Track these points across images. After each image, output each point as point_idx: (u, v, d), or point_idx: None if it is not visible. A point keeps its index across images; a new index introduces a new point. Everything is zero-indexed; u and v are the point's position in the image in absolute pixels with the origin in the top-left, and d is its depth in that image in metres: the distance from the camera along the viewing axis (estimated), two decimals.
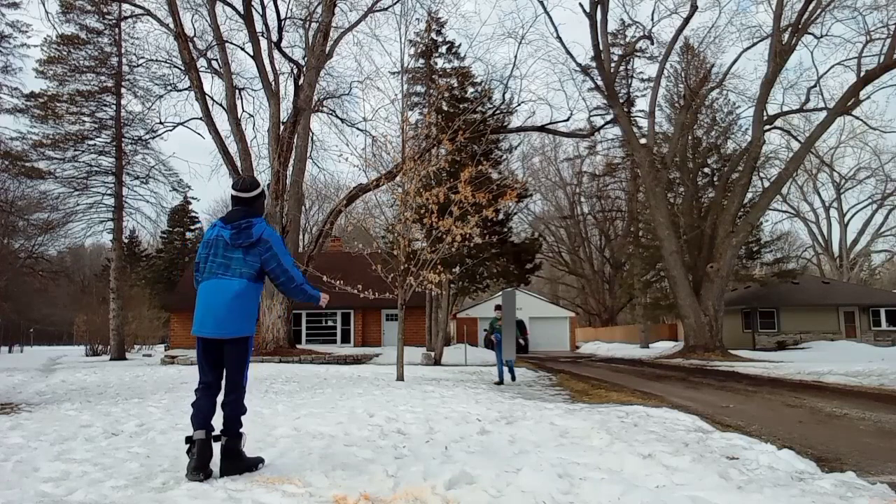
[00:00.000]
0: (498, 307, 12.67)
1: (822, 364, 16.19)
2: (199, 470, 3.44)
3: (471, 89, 27.13)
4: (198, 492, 3.19)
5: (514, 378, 12.50)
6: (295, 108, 21.43)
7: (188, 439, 3.60)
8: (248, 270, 3.72)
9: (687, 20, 25.27)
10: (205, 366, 3.73)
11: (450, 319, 28.72)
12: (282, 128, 21.24)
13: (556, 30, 37.33)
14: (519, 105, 25.02)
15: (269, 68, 21.66)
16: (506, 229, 28.77)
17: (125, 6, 24.14)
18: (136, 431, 5.18)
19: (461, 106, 23.81)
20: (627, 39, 34.79)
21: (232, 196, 3.92)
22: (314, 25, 22.18)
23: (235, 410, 3.70)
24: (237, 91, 22.39)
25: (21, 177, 26.36)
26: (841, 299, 31.80)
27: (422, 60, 29.14)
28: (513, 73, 46.61)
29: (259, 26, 21.52)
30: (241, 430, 3.71)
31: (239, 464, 3.63)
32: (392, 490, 3.25)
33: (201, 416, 3.61)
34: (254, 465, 3.72)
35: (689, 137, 30.04)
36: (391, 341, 25.11)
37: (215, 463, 3.62)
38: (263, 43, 21.62)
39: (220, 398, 3.73)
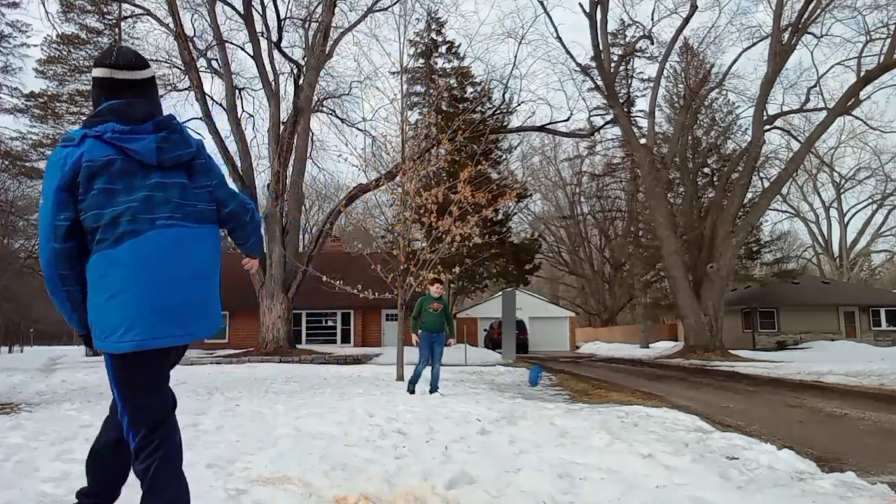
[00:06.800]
0: (436, 280, 9.41)
1: (823, 364, 16.19)
2: None
3: (470, 89, 27.17)
4: (198, 491, 3.18)
5: (435, 388, 8.66)
6: (295, 108, 21.42)
7: None
8: (209, 208, 2.25)
9: (687, 20, 25.29)
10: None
11: None
12: (282, 128, 21.25)
13: (556, 30, 37.22)
14: (519, 105, 25.03)
15: (269, 68, 21.67)
16: (505, 229, 28.81)
17: (125, 6, 24.13)
18: None
19: (461, 106, 23.82)
20: (627, 39, 34.81)
21: (110, 81, 2.16)
22: (314, 25, 22.18)
23: None
24: (237, 91, 22.39)
25: (21, 177, 26.42)
26: (841, 299, 31.79)
27: (421, 60, 29.18)
28: (512, 73, 46.56)
29: (259, 26, 21.55)
30: None
31: None
32: (392, 490, 3.25)
33: None
34: None
35: (689, 137, 30.07)
36: (391, 341, 25.09)
37: None
38: (263, 43, 21.63)
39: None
